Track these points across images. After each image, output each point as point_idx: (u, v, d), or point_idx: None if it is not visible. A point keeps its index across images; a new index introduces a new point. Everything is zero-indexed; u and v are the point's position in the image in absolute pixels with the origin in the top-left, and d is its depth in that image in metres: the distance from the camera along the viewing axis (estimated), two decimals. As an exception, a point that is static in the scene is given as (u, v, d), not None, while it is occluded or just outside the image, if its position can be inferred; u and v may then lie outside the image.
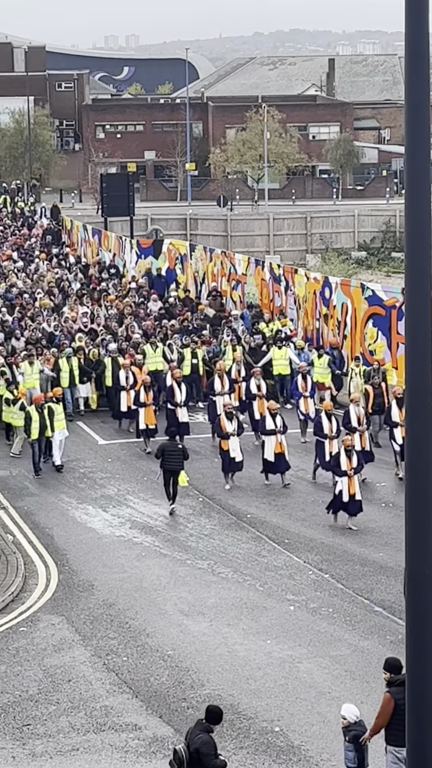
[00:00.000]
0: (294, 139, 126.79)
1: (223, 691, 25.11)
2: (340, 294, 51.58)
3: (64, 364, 45.54)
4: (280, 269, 58.82)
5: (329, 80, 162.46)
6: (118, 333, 50.74)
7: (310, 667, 25.91)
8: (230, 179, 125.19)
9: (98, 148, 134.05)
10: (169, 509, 35.90)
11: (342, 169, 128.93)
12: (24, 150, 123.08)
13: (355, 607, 29.29)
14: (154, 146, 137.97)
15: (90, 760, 22.62)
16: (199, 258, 65.35)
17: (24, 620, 28.93)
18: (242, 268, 60.54)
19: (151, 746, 23.09)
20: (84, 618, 28.91)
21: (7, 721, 24.10)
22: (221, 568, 31.96)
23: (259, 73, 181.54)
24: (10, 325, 52.51)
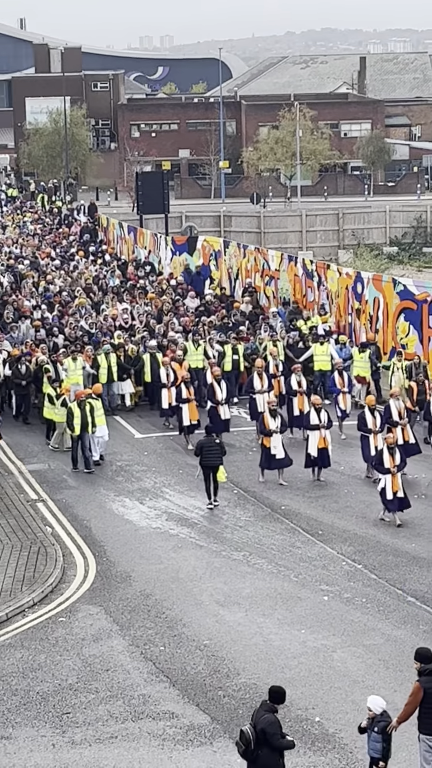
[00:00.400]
0: (326, 136, 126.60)
1: (258, 680, 25.15)
2: (372, 289, 51.56)
3: (102, 360, 45.24)
4: (313, 265, 58.73)
5: (360, 78, 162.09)
6: (156, 330, 50.53)
7: (344, 657, 25.97)
8: (263, 177, 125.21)
9: (133, 147, 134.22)
10: (208, 505, 35.85)
11: (373, 165, 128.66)
12: (61, 149, 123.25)
13: (388, 597, 29.33)
14: (189, 145, 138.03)
15: (128, 748, 22.72)
16: (233, 254, 65.36)
17: (63, 611, 29.04)
18: (275, 264, 60.50)
19: (188, 734, 23.19)
20: (122, 608, 29.03)
21: (47, 710, 24.25)
22: (256, 559, 32.03)
23: (291, 71, 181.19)
24: (50, 323, 52.45)
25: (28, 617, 28.71)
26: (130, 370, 46.34)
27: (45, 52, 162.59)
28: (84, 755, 22.55)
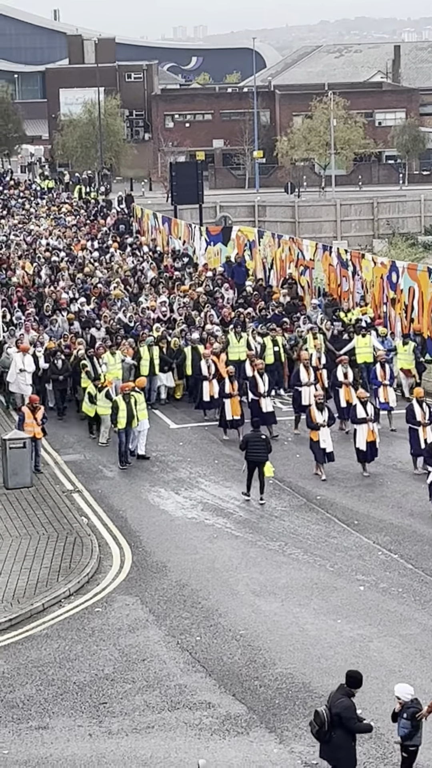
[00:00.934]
0: (360, 125, 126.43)
1: (294, 669, 25.21)
2: (407, 278, 51.48)
3: (145, 353, 44.98)
4: (348, 254, 58.66)
5: (395, 67, 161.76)
6: (196, 322, 50.43)
7: (380, 646, 25.95)
8: (297, 166, 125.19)
9: (167, 138, 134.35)
10: (245, 495, 35.67)
11: (408, 154, 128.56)
12: (95, 140, 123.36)
13: (424, 587, 29.28)
14: (223, 135, 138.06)
15: (165, 738, 22.74)
16: (268, 244, 65.34)
17: (99, 601, 29.11)
18: (310, 253, 60.45)
19: (225, 724, 23.18)
20: (157, 598, 29.08)
21: (84, 700, 24.29)
22: (292, 548, 32.03)
23: (325, 61, 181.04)
24: (87, 315, 52.37)
25: (64, 608, 28.78)
26: (171, 363, 46.05)
27: (79, 43, 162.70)
28: (121, 745, 22.57)
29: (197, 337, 46.94)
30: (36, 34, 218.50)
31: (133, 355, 44.72)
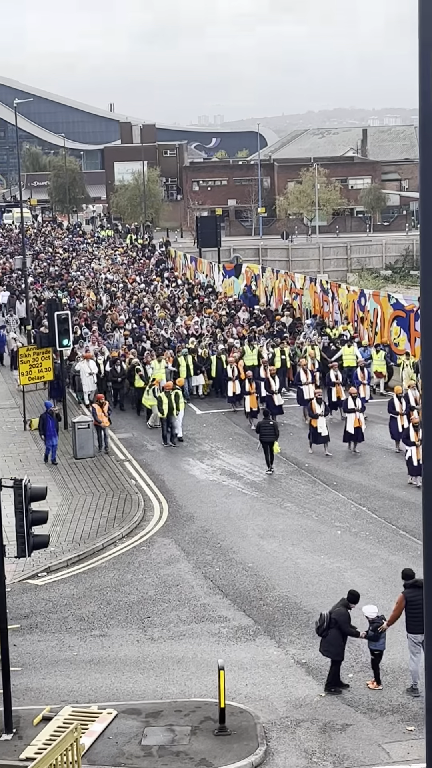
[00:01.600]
0: (337, 188, 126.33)
1: (289, 592, 25.27)
2: (372, 302, 51.45)
3: (182, 360, 44.76)
4: (328, 284, 58.74)
5: (363, 145, 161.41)
6: (218, 337, 49.92)
7: (352, 576, 25.92)
8: (290, 219, 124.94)
9: (194, 198, 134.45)
10: (267, 472, 35.07)
11: (372, 210, 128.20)
12: (140, 200, 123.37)
13: (385, 531, 29.27)
14: (235, 196, 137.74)
15: (193, 643, 22.84)
16: (269, 277, 65.38)
17: (144, 542, 29.16)
18: (300, 283, 60.49)
19: (237, 633, 23.28)
20: (187, 540, 29.12)
21: (132, 615, 24.38)
22: (287, 503, 31.99)
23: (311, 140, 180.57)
24: (138, 332, 52.08)
25: (118, 546, 28.81)
26: (201, 367, 45.73)
27: (128, 128, 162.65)
28: (160, 648, 22.66)
29: (222, 348, 46.69)
30: (96, 122, 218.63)
31: (172, 362, 44.37)
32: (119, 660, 22.22)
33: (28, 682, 21.29)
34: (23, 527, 19.96)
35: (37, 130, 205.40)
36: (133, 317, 56.55)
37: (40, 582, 26.54)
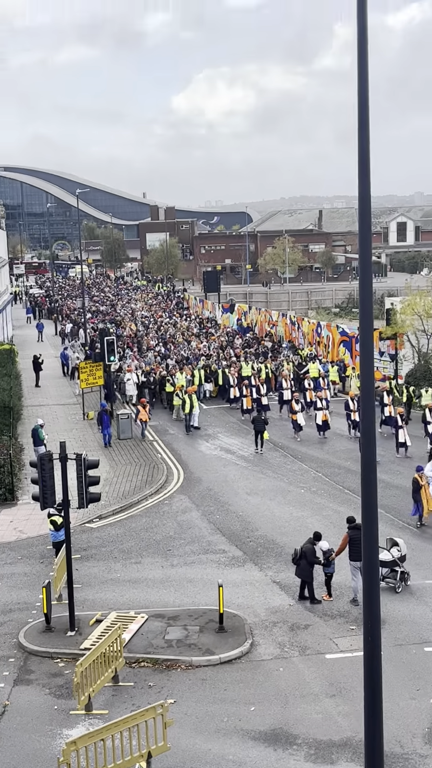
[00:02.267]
0: (300, 251, 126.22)
1: (267, 533, 25.20)
2: (326, 330, 51.35)
3: (197, 372, 44.21)
4: (295, 318, 58.64)
5: (319, 221, 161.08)
6: (221, 356, 49.36)
7: (312, 521, 25.85)
8: (268, 272, 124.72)
9: (201, 258, 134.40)
10: (255, 451, 34.38)
11: (325, 266, 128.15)
12: (164, 259, 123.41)
13: (335, 490, 29.18)
14: (230, 257, 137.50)
15: (201, 568, 22.80)
16: (253, 313, 65.28)
17: (166, 497, 29.05)
18: (275, 317, 60.39)
19: (231, 561, 23.25)
20: (197, 496, 29.02)
21: (159, 548, 24.34)
22: (266, 470, 31.87)
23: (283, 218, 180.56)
24: (164, 352, 51.35)
25: (148, 501, 28.72)
26: (210, 378, 45.07)
27: (156, 210, 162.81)
28: (178, 572, 22.63)
29: (225, 364, 46.10)
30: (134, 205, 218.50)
31: (191, 374, 43.96)
32: (149, 580, 22.21)
33: (86, 595, 21.30)
34: (82, 486, 20.01)
35: (92, 210, 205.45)
36: (161, 342, 55.92)
37: (94, 525, 26.50)
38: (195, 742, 15.28)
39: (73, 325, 67.72)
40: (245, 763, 14.66)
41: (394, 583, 21.04)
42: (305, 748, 15.01)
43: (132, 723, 14.35)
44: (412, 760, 14.57)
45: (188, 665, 17.88)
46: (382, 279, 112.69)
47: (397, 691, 16.51)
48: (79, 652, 18.25)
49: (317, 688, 16.92)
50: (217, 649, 18.30)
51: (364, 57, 9.90)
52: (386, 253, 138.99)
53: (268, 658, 18.12)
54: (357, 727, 15.25)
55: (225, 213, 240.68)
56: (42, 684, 17.50)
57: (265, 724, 15.77)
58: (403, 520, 25.72)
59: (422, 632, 18.95)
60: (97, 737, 14.06)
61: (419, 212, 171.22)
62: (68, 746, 13.76)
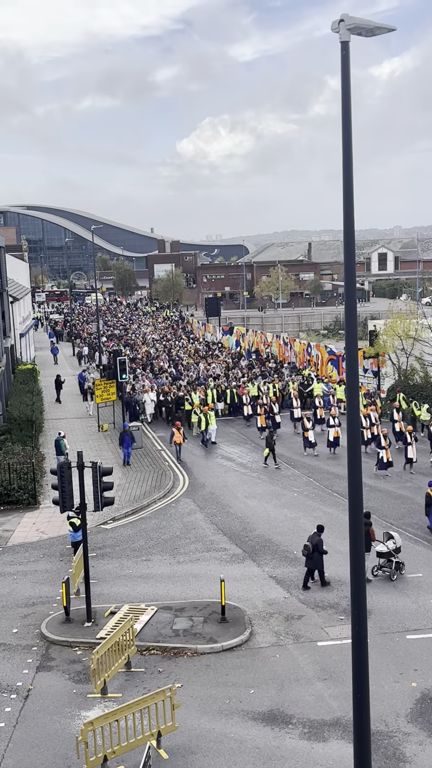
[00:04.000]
0: (292, 280, 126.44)
1: (265, 532, 25.09)
2: (315, 350, 51.38)
3: (209, 392, 42.58)
4: (287, 339, 58.67)
5: (309, 253, 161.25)
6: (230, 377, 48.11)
7: (304, 522, 25.81)
8: (264, 298, 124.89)
9: (204, 286, 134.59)
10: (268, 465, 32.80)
11: (314, 293, 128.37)
12: (171, 288, 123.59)
13: (325, 493, 29.09)
14: (229, 285, 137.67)
15: (204, 565, 22.69)
16: (250, 335, 65.29)
17: (173, 501, 28.99)
18: (270, 338, 60.44)
19: (232, 558, 23.14)
20: (201, 499, 28.95)
21: (167, 546, 24.24)
22: (263, 476, 31.79)
23: (276, 250, 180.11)
24: (176, 374, 49.81)
25: (157, 504, 28.66)
26: (221, 397, 43.59)
27: (163, 243, 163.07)
28: (184, 568, 22.53)
29: (234, 384, 44.84)
30: (143, 239, 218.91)
31: (204, 394, 42.32)
32: (158, 575, 22.12)
33: (101, 589, 21.21)
34: (98, 492, 19.98)
35: (105, 244, 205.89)
36: (172, 364, 54.58)
37: (109, 527, 26.41)
38: (200, 722, 15.19)
39: (89, 348, 67.69)
40: (245, 741, 14.56)
41: (390, 572, 21.10)
42: (300, 727, 14.92)
43: (143, 705, 14.29)
44: (396, 737, 14.48)
45: (194, 652, 17.79)
46: (366, 304, 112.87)
47: (382, 675, 16.42)
48: (96, 641, 18.18)
49: (310, 672, 16.82)
50: (219, 638, 18.21)
51: (348, 107, 9.97)
52: (369, 280, 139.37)
53: (265, 645, 18.02)
54: (346, 707, 15.16)
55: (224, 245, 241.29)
56: (62, 670, 17.42)
57: (263, 705, 15.68)
58: (386, 521, 25.64)
59: (405, 621, 18.86)
60: (112, 718, 14.00)
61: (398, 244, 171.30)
62: (86, 726, 13.70)
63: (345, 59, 9.88)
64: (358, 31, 9.99)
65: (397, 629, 18.49)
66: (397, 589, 20.61)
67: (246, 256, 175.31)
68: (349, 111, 9.93)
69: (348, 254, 10.38)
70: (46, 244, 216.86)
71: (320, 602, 20.01)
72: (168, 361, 56.01)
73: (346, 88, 9.90)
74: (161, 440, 38.62)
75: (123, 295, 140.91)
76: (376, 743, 14.11)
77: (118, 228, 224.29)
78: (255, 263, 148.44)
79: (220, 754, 14.20)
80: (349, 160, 10.00)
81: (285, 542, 24.07)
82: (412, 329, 44.52)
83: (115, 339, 72.67)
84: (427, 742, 14.27)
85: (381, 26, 10.07)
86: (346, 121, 9.93)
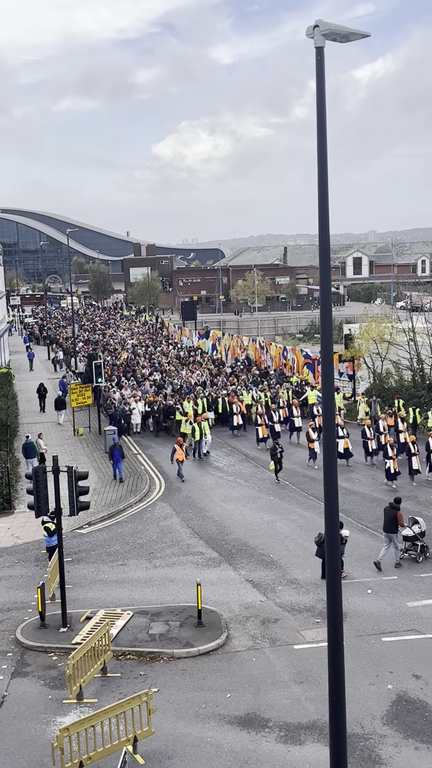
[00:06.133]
0: (268, 284, 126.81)
1: (240, 536, 25.08)
2: (291, 354, 51.55)
3: (200, 401, 40.21)
4: (263, 343, 58.82)
5: (285, 257, 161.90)
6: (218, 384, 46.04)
7: (280, 525, 25.87)
8: (239, 302, 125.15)
9: (180, 290, 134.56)
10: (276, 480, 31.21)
11: (289, 297, 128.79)
12: (147, 291, 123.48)
13: (301, 497, 29.14)
14: (205, 288, 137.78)
15: (181, 569, 22.63)
16: (226, 339, 65.31)
17: (149, 505, 28.89)
18: (246, 342, 60.50)
19: (209, 562, 23.11)
20: (177, 503, 28.87)
21: (142, 551, 24.16)
22: (239, 480, 31.79)
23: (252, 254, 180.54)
24: (159, 382, 47.23)
25: (133, 508, 28.56)
26: (212, 405, 41.34)
27: (138, 247, 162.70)
28: (161, 572, 22.48)
29: (224, 393, 43.02)
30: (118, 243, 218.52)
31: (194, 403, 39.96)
32: (134, 580, 22.05)
33: (77, 594, 21.11)
34: (73, 496, 19.88)
35: (81, 247, 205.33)
36: (154, 370, 52.40)
37: (84, 531, 26.29)
38: (177, 726, 15.15)
39: (64, 353, 67.05)
40: (222, 745, 14.55)
41: (416, 554, 21.77)
42: (276, 730, 14.93)
43: (119, 710, 14.23)
44: (372, 740, 14.54)
45: (170, 657, 17.75)
46: (341, 308, 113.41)
47: (358, 678, 16.48)
48: (71, 646, 18.08)
49: (286, 676, 16.85)
50: (196, 642, 18.18)
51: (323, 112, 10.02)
52: (344, 284, 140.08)
53: (242, 649, 18.02)
54: (322, 710, 15.19)
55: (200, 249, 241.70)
56: (37, 676, 17.30)
57: (239, 709, 15.68)
58: (361, 523, 25.75)
59: (380, 624, 18.96)
60: (88, 724, 13.92)
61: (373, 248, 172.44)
62: (61, 732, 13.61)
63: (320, 65, 9.92)
64: (333, 37, 10.02)
65: (372, 632, 18.58)
66: (373, 592, 20.71)
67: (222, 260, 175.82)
68: (323, 116, 9.98)
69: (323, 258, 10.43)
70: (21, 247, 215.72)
71: (296, 606, 20.05)
72: (150, 368, 53.98)
73: (320, 94, 9.95)
74: (138, 444, 38.48)
75: (98, 299, 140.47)
76: (352, 746, 14.16)
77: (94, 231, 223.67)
78: (231, 267, 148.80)
79: (196, 758, 14.17)
80: (324, 164, 10.05)
81: (261, 546, 24.09)
82: (387, 333, 44.86)
83: (92, 344, 72.28)
84: (403, 744, 14.35)
85: (355, 32, 10.13)
86: (321, 126, 9.98)
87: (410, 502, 27.76)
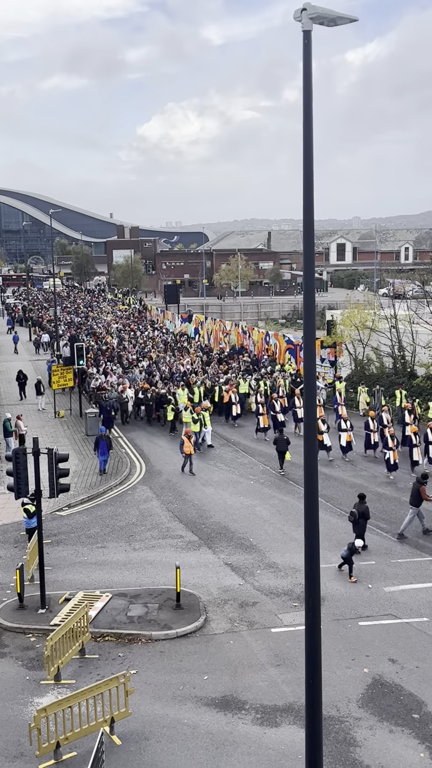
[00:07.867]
0: (251, 268, 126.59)
1: (220, 520, 25.14)
2: (273, 339, 51.54)
3: (196, 390, 39.67)
4: (246, 328, 58.73)
5: (269, 242, 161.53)
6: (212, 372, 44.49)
7: (260, 509, 25.94)
8: (223, 287, 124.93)
9: (163, 273, 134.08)
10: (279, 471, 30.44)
11: (273, 282, 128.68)
12: (129, 274, 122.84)
13: (281, 482, 29.23)
14: (188, 272, 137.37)
15: (160, 552, 22.67)
16: (209, 323, 65.24)
17: (129, 487, 28.92)
18: (229, 327, 60.41)
19: (188, 545, 23.16)
20: (157, 487, 28.90)
21: (122, 534, 24.16)
22: (219, 464, 31.83)
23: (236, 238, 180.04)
24: (150, 368, 45.68)
25: (113, 491, 28.58)
26: (208, 394, 40.11)
27: (122, 229, 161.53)
28: (140, 555, 22.50)
29: (224, 381, 41.81)
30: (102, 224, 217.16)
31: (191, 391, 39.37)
32: (113, 562, 22.06)
33: (56, 576, 21.09)
34: (53, 478, 19.82)
35: (64, 229, 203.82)
36: (140, 356, 50.72)
37: (64, 513, 26.27)
38: (154, 708, 15.22)
39: (49, 336, 66.29)
40: (199, 726, 14.64)
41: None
42: (252, 712, 15.04)
43: (97, 691, 14.27)
44: (347, 722, 14.68)
45: (148, 639, 17.80)
46: (324, 294, 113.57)
47: (334, 661, 16.62)
48: (50, 627, 18.09)
49: (263, 658, 16.95)
50: (174, 624, 18.24)
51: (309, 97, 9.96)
52: (327, 270, 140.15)
53: (219, 632, 18.11)
54: (299, 693, 15.32)
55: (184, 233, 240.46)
56: (15, 657, 17.30)
57: (216, 691, 15.77)
58: (340, 508, 25.88)
59: (357, 608, 19.10)
60: (65, 705, 13.95)
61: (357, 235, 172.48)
62: (39, 713, 13.64)
63: (307, 48, 9.83)
64: (320, 21, 9.92)
65: (350, 616, 18.72)
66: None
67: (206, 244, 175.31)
68: (310, 101, 9.91)
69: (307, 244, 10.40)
70: (2, 227, 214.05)
71: (274, 589, 20.15)
72: (137, 354, 52.29)
73: (307, 79, 9.88)
74: (119, 427, 38.34)
75: (81, 281, 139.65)
76: (328, 728, 14.29)
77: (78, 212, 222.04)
78: (215, 251, 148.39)
79: (173, 739, 14.25)
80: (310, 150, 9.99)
81: (241, 529, 24.16)
82: (369, 320, 44.96)
83: (75, 326, 71.76)
84: (378, 727, 14.50)
85: (343, 16, 10.04)
86: (307, 110, 9.91)
87: (360, 479, 28.28)
